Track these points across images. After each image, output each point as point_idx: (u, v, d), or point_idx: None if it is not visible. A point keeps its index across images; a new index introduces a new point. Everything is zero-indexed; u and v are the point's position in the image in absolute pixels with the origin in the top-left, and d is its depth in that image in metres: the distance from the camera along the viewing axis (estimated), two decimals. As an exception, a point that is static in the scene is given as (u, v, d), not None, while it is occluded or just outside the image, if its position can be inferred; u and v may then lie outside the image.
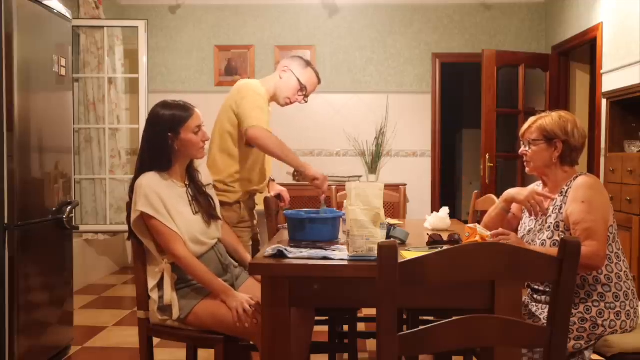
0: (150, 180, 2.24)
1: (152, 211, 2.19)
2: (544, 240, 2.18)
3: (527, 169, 2.33)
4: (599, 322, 2.06)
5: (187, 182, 2.39)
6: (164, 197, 2.23)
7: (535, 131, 2.27)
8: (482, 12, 6.19)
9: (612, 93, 4.10)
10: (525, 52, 5.89)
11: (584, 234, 2.05)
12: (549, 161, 2.25)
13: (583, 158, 5.62)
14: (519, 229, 2.40)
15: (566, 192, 2.19)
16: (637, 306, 2.15)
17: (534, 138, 2.26)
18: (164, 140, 2.27)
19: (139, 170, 2.30)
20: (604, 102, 4.36)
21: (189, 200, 2.34)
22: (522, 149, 2.32)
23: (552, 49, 5.84)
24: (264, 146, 2.71)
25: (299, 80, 2.91)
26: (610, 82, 4.52)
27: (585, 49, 5.51)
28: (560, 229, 2.16)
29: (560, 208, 2.18)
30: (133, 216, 2.23)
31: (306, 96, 2.99)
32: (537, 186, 2.40)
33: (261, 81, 2.95)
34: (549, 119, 2.26)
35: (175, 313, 2.21)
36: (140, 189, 2.22)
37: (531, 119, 2.33)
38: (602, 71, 4.70)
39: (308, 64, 2.99)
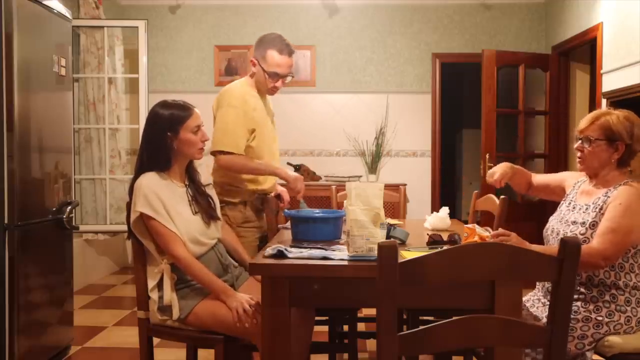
0: (149, 180, 2.24)
1: (152, 212, 2.19)
2: (576, 235, 2.10)
3: (579, 167, 2.20)
4: (605, 321, 2.02)
5: (186, 182, 2.39)
6: (163, 197, 2.23)
7: (598, 129, 2.11)
8: (482, 12, 6.19)
9: (612, 93, 4.10)
10: (525, 52, 5.88)
11: (602, 230, 2.00)
12: (607, 162, 2.12)
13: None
14: (553, 216, 2.31)
15: (610, 194, 2.09)
16: None
17: (596, 137, 2.11)
18: (162, 140, 2.27)
19: (139, 171, 2.30)
20: (604, 102, 4.36)
21: (189, 201, 2.34)
22: (579, 144, 2.16)
23: (552, 49, 5.84)
24: (233, 172, 2.77)
25: (265, 71, 2.80)
26: (610, 82, 4.52)
27: (585, 49, 5.51)
28: (596, 229, 2.08)
29: (601, 208, 2.08)
30: (132, 217, 2.23)
31: (284, 77, 2.84)
32: (579, 182, 2.30)
33: (246, 78, 2.91)
34: (614, 117, 2.11)
35: (175, 313, 2.21)
36: (139, 189, 2.22)
37: (593, 115, 2.17)
38: (602, 71, 4.69)
39: (269, 44, 2.79)
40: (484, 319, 1.39)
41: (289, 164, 5.95)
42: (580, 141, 2.17)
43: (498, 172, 2.45)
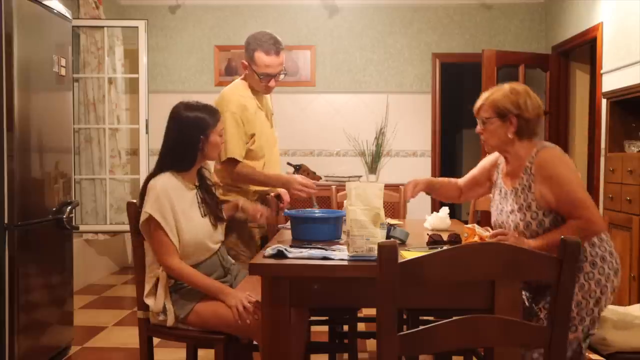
0: (164, 183, 2.24)
1: (160, 217, 2.18)
2: (517, 222, 2.16)
3: (486, 148, 2.29)
4: (580, 297, 2.04)
5: (196, 184, 2.39)
6: (174, 202, 2.23)
7: (489, 108, 2.20)
8: (482, 12, 6.19)
9: (612, 93, 4.10)
10: (525, 52, 5.89)
11: (570, 210, 2.04)
12: (506, 137, 2.19)
13: (583, 157, 5.63)
14: (492, 207, 2.37)
15: (531, 170, 2.14)
16: (618, 265, 2.11)
17: (487, 116, 2.20)
18: (194, 143, 2.29)
19: (158, 169, 2.30)
20: (604, 102, 4.36)
21: (198, 203, 2.35)
22: (478, 128, 2.26)
23: (552, 49, 5.84)
24: (243, 180, 2.75)
25: (255, 73, 2.77)
26: (610, 82, 4.52)
27: (585, 49, 5.51)
28: (533, 209, 2.13)
29: (530, 188, 2.13)
30: (142, 217, 2.22)
31: (276, 76, 2.80)
32: (500, 163, 2.36)
33: (240, 80, 2.88)
34: (500, 93, 2.19)
35: (170, 320, 2.21)
36: (153, 190, 2.22)
37: (483, 95, 2.26)
38: (602, 71, 4.70)
39: (256, 46, 2.74)
40: (484, 319, 1.39)
41: (289, 164, 5.95)
42: (479, 124, 2.26)
43: (412, 182, 2.57)
